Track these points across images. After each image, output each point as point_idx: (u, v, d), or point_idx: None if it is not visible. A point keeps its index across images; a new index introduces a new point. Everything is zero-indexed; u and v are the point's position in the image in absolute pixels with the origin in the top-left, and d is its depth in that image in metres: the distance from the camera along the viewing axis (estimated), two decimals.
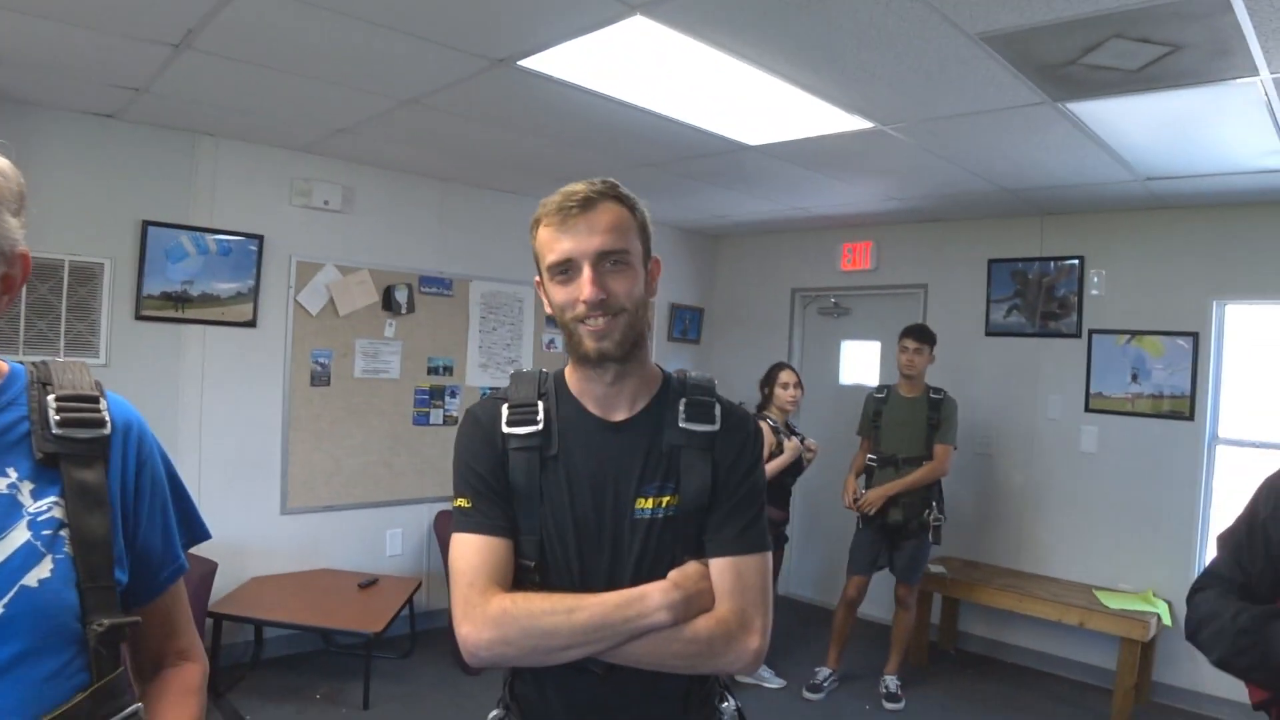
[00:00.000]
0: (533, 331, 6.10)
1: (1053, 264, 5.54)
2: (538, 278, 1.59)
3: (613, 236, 1.49)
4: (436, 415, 5.67)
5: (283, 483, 5.07)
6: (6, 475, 1.14)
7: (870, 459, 5.04)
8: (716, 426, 1.55)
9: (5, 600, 1.07)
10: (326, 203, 5.15)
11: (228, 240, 4.81)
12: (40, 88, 4.09)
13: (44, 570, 1.11)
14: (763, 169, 4.83)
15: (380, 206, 5.42)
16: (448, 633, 5.31)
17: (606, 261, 1.48)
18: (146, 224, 4.57)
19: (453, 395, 5.72)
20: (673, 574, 1.46)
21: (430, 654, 5.21)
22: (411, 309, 5.51)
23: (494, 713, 1.64)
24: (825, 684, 4.89)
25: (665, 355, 6.82)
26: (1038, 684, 5.19)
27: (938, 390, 4.99)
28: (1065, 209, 5.40)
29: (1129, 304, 5.23)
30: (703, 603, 1.45)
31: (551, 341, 6.19)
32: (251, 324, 4.94)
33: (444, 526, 5.33)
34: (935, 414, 4.90)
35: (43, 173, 4.25)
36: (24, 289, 4.23)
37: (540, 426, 1.54)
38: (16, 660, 1.07)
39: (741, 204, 5.92)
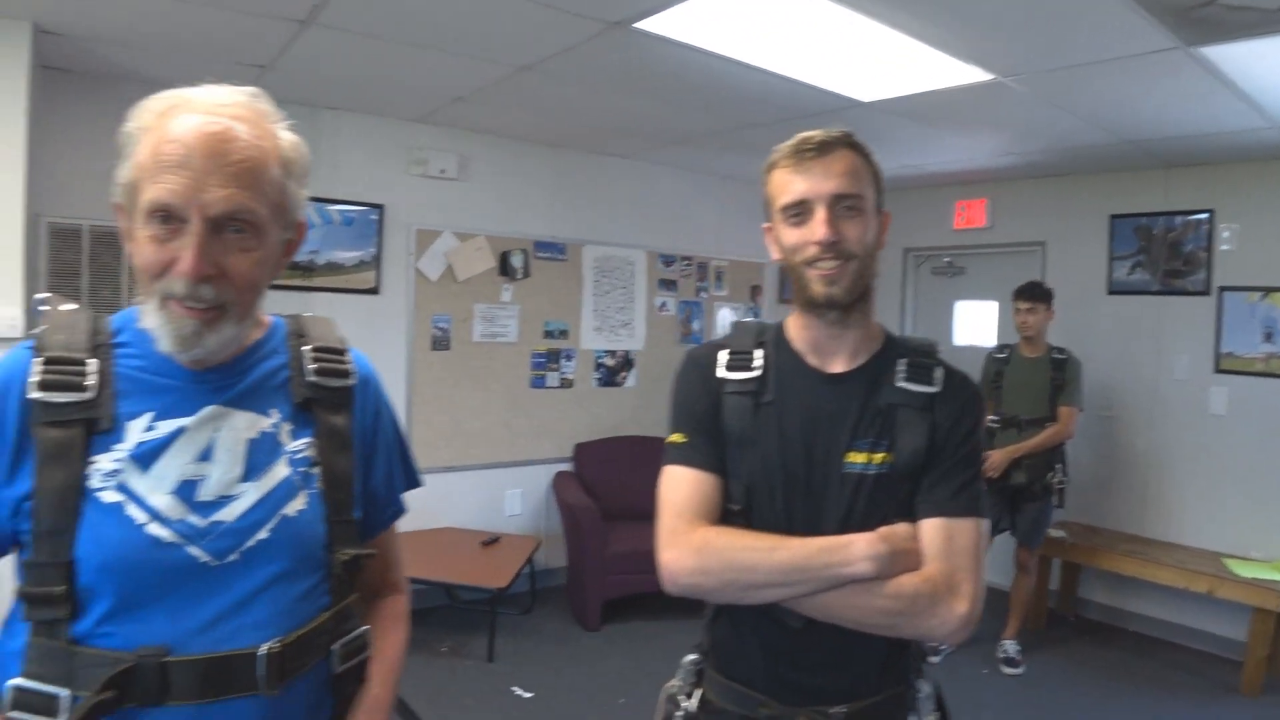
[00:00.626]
0: (645, 294, 6.14)
1: (1179, 218, 5.32)
2: (766, 224, 1.61)
3: (848, 180, 1.48)
4: (553, 378, 5.77)
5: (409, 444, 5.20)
6: (270, 416, 1.26)
7: (991, 420, 4.95)
8: (937, 388, 1.53)
9: (270, 526, 1.20)
10: (443, 171, 5.27)
11: (350, 210, 4.97)
12: (172, 69, 4.23)
13: (300, 503, 1.24)
14: (875, 126, 4.74)
15: (495, 173, 5.51)
16: (565, 590, 5.48)
17: (841, 205, 1.48)
18: None
19: (568, 358, 5.82)
20: (881, 529, 1.42)
21: (549, 611, 5.36)
22: (527, 274, 5.61)
23: (690, 656, 1.67)
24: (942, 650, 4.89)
25: (776, 316, 6.78)
26: (1161, 653, 5.07)
27: (1061, 350, 4.86)
28: (1193, 160, 5.16)
29: (1263, 259, 4.99)
30: (909, 562, 1.41)
31: (664, 304, 6.23)
32: (374, 291, 5.10)
33: (563, 487, 5.47)
34: (1059, 375, 4.78)
35: None
36: None
37: (757, 373, 1.56)
38: (275, 579, 1.19)
39: None
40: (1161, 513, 5.36)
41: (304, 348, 1.32)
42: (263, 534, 1.19)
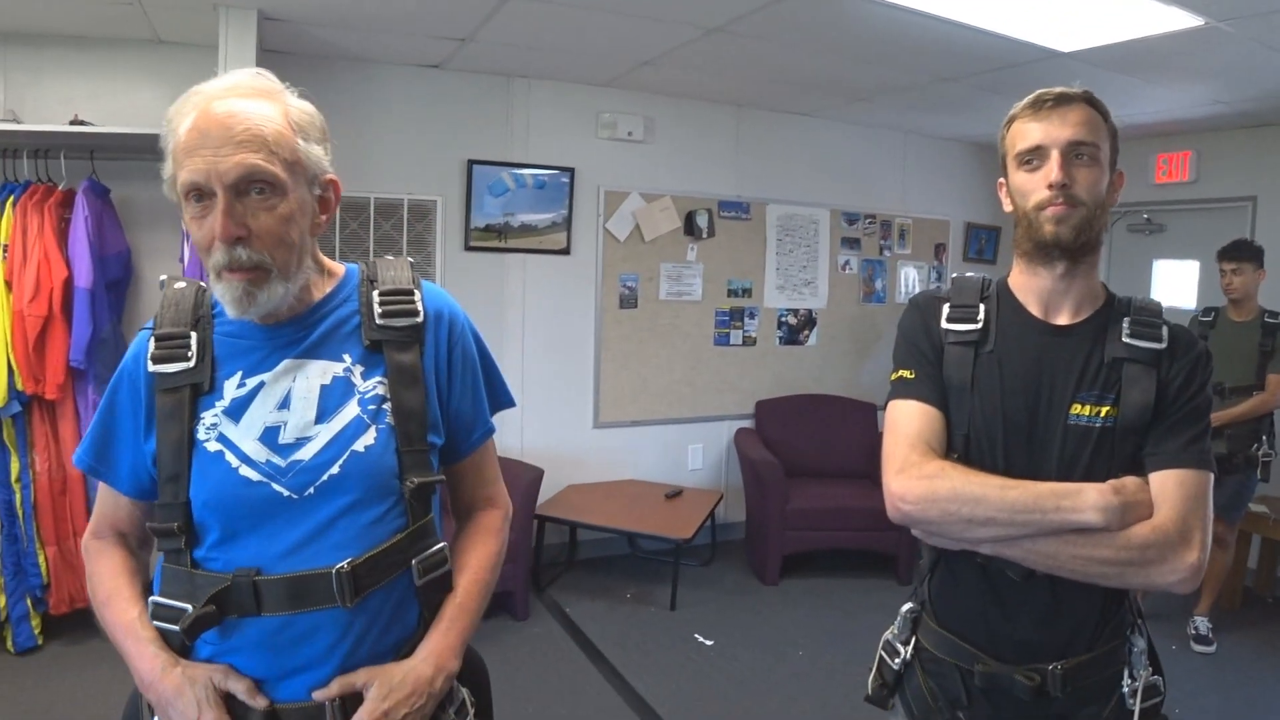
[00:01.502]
0: (828, 253, 6.11)
1: None
2: (1001, 180, 1.65)
3: (1084, 130, 1.50)
4: (736, 336, 5.85)
5: (595, 399, 5.45)
6: (343, 360, 1.42)
7: None
8: (1163, 345, 1.52)
9: (341, 462, 1.36)
10: (630, 134, 5.39)
11: (542, 174, 5.16)
12: (376, 45, 4.52)
13: (369, 438, 1.38)
14: (1072, 76, 4.52)
15: (680, 135, 5.59)
16: (744, 544, 5.59)
17: (1074, 153, 1.50)
18: (471, 163, 4.99)
19: (751, 316, 5.88)
20: (1111, 481, 1.43)
21: (729, 563, 5.48)
22: (712, 233, 5.69)
23: (908, 605, 1.71)
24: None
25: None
26: None
27: (1274, 314, 4.47)
28: None
29: None
30: (1139, 514, 1.41)
31: (847, 263, 6.19)
32: (565, 251, 5.29)
33: (745, 443, 5.56)
34: (1269, 340, 4.44)
35: (383, 122, 4.77)
36: (371, 225, 4.70)
37: (979, 325, 1.59)
38: (348, 508, 1.35)
39: None
40: None
41: (374, 293, 1.46)
42: (334, 469, 1.35)
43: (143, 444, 1.40)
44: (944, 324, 1.62)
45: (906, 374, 1.62)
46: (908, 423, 1.57)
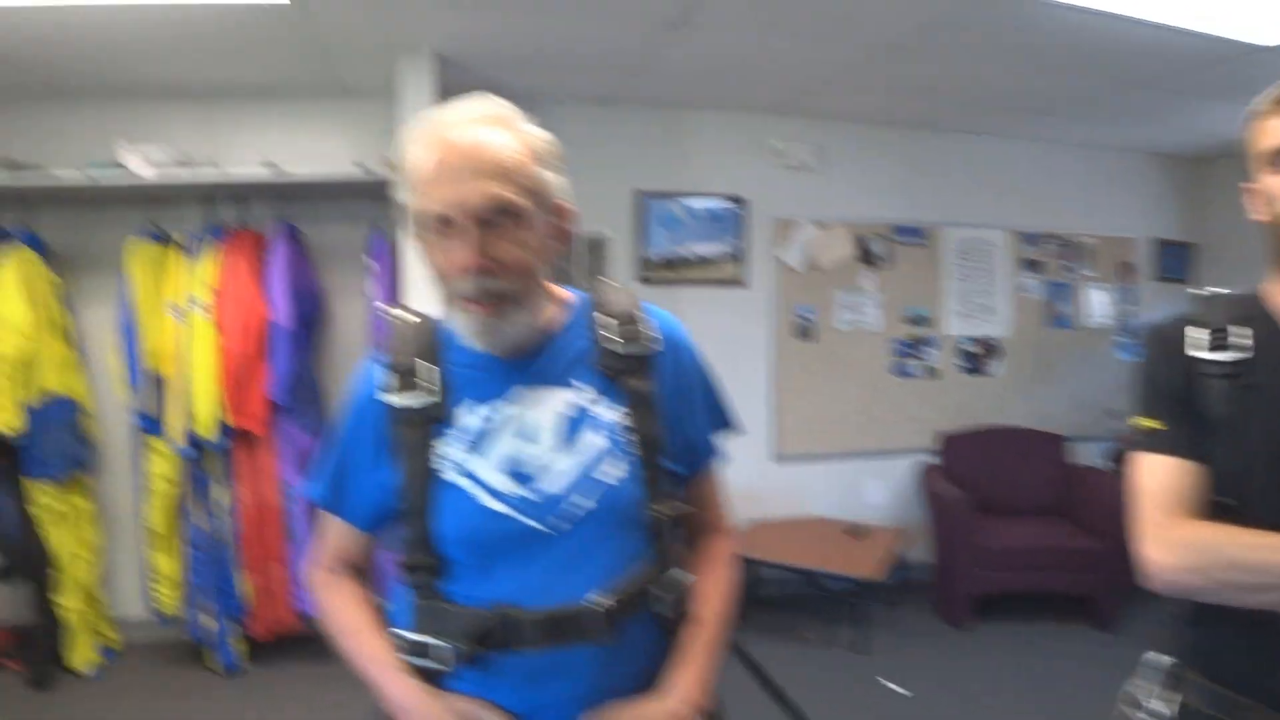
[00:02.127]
0: (1008, 276, 5.83)
1: None
2: (1248, 183, 1.45)
3: None
4: (915, 366, 5.63)
5: (772, 433, 5.33)
6: (580, 389, 1.38)
7: None
8: None
9: (591, 493, 1.32)
10: (801, 161, 5.29)
11: (713, 205, 5.10)
12: (549, 82, 4.57)
13: (617, 468, 1.35)
14: (1274, 73, 4.21)
15: (851, 160, 5.46)
16: (931, 586, 5.30)
17: None
18: (643, 195, 4.97)
19: (931, 345, 5.66)
20: None
21: (914, 605, 5.21)
22: (888, 260, 5.51)
23: (1158, 656, 1.52)
24: None
25: (1151, 296, 6.24)
26: None
27: None
28: None
29: None
30: None
31: (1029, 287, 5.87)
32: (738, 283, 5.22)
33: (929, 478, 5.33)
34: None
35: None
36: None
37: (1244, 354, 1.39)
38: (600, 539, 1.33)
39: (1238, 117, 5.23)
40: None
41: (605, 319, 1.42)
42: (585, 500, 1.32)
43: (377, 477, 1.38)
44: (1195, 352, 1.41)
45: (1151, 422, 1.42)
46: (1153, 480, 1.39)
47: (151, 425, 4.11)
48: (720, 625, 1.46)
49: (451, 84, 4.33)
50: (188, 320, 4.01)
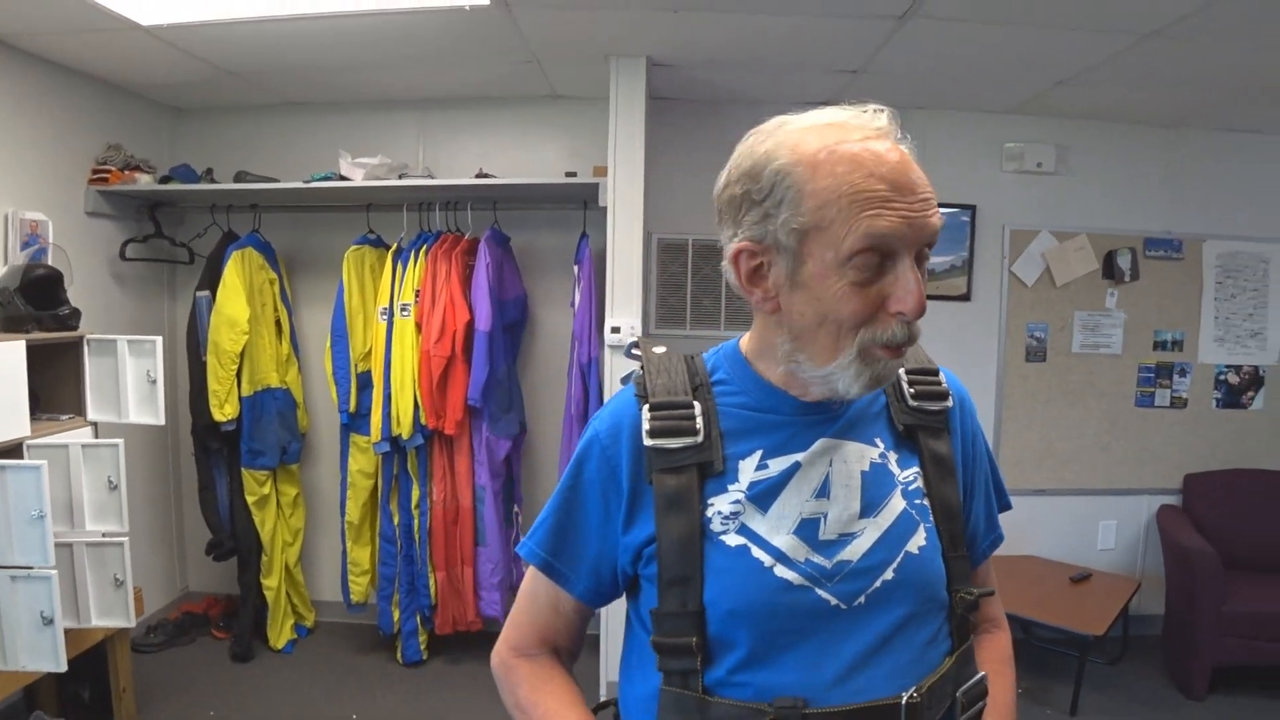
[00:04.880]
0: None
1: None
2: None
3: None
4: (1163, 396, 5.04)
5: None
6: (876, 445, 1.19)
7: None
8: None
9: (894, 565, 1.12)
10: (1039, 165, 4.83)
11: (941, 213, 4.71)
12: (765, 85, 4.38)
13: (920, 538, 1.15)
14: None
15: (1097, 164, 4.93)
16: (1161, 643, 4.76)
17: None
18: None
19: (1182, 374, 5.05)
20: None
21: (1142, 665, 4.66)
22: (1135, 276, 4.94)
23: None
24: None
25: None
26: None
27: None
28: None
29: None
30: None
31: None
32: (966, 297, 4.85)
33: (1170, 524, 4.74)
34: None
35: None
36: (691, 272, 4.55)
37: None
38: (904, 622, 1.12)
39: None
40: None
41: (899, 369, 1.21)
42: (888, 574, 1.12)
43: (619, 536, 1.18)
44: None
45: None
46: None
47: (355, 422, 4.29)
48: None
49: (663, 86, 4.25)
50: (394, 323, 4.10)
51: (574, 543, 1.22)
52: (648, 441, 1.14)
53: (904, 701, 1.07)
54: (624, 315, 3.87)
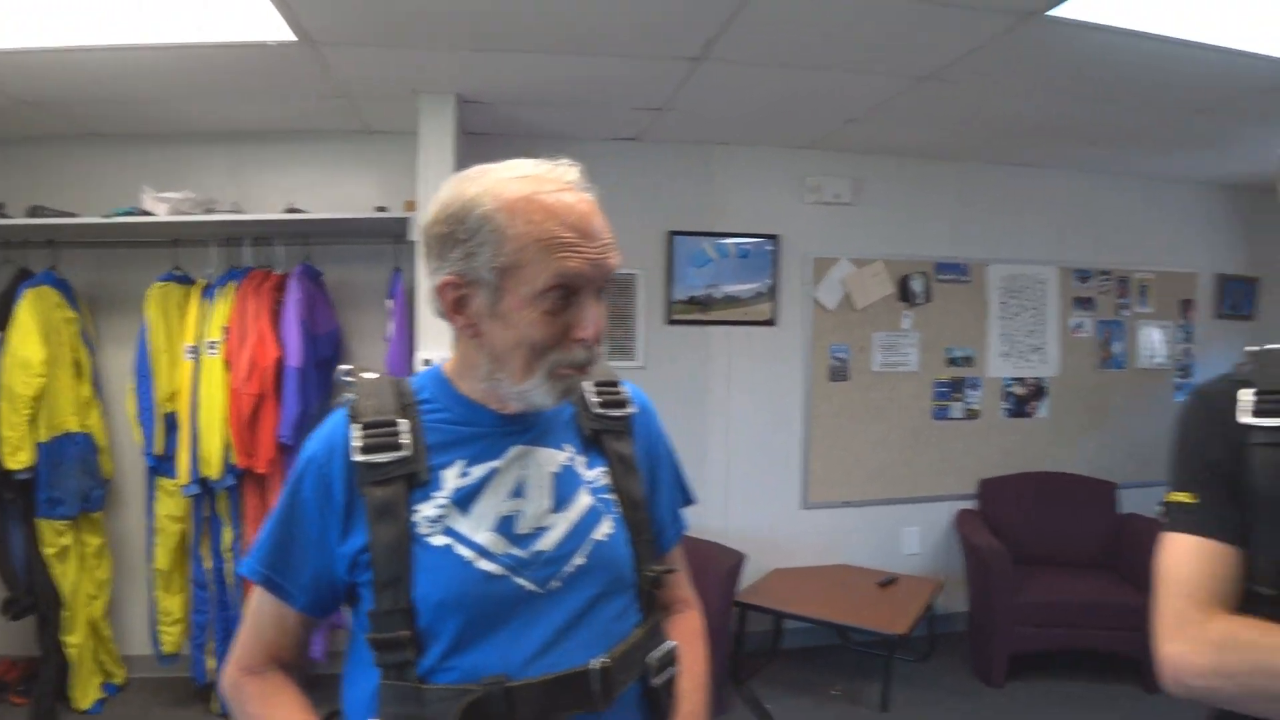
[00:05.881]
0: (1058, 315, 5.58)
1: None
2: None
3: None
4: (957, 409, 5.41)
5: (803, 477, 5.16)
6: (565, 450, 1.36)
7: None
8: None
9: (584, 552, 1.29)
10: (837, 196, 5.12)
11: (745, 243, 4.97)
12: (573, 122, 4.51)
13: (606, 527, 1.33)
14: None
15: (890, 195, 5.27)
16: (966, 638, 5.09)
17: None
18: (672, 234, 4.87)
19: (973, 387, 5.44)
20: None
21: (948, 659, 4.99)
22: (928, 298, 5.31)
23: None
24: None
25: (1211, 334, 5.96)
26: None
27: None
28: None
29: None
30: None
31: (1079, 325, 5.62)
32: (771, 322, 5.07)
33: (967, 527, 5.10)
34: None
35: None
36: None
37: None
38: (594, 600, 1.28)
39: None
40: None
41: (584, 383, 1.38)
42: (579, 559, 1.28)
43: (335, 547, 1.27)
44: (1246, 418, 1.22)
45: (1185, 497, 1.25)
46: (1182, 566, 1.22)
47: (162, 466, 4.15)
48: (706, 701, 1.43)
49: (474, 122, 4.30)
50: (202, 361, 4.02)
51: (294, 558, 1.30)
52: (358, 457, 1.25)
53: (595, 668, 1.22)
54: (435, 348, 3.90)
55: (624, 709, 1.29)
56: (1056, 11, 3.00)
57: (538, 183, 1.23)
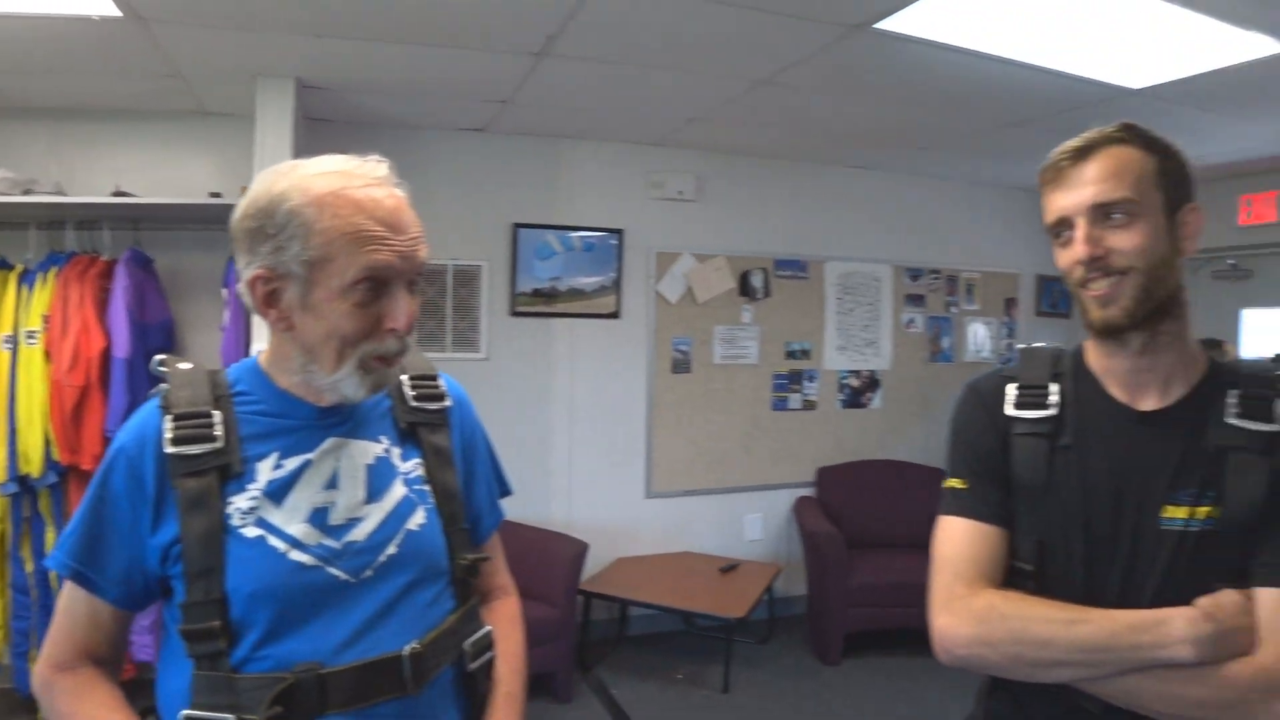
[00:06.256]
0: (891, 311, 5.86)
1: None
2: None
3: (1110, 185, 1.26)
4: (795, 400, 5.61)
5: (647, 467, 5.25)
6: (380, 442, 1.38)
7: None
8: (1278, 426, 1.24)
9: (396, 541, 1.31)
10: (680, 193, 5.25)
11: (590, 236, 5.04)
12: (418, 110, 4.48)
13: (420, 517, 1.35)
14: (1146, 115, 4.21)
15: (732, 192, 5.44)
16: (805, 620, 5.28)
17: (1104, 214, 1.27)
18: (517, 226, 4.90)
19: (811, 379, 5.64)
20: (1202, 601, 1.18)
21: (788, 641, 5.17)
22: (768, 293, 5.49)
23: None
24: None
25: (1032, 330, 6.31)
26: None
27: None
28: None
29: None
30: (1239, 643, 1.15)
31: (911, 321, 5.91)
32: (615, 315, 5.15)
33: (804, 513, 5.29)
34: None
35: (426, 186, 4.59)
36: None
37: (1053, 411, 1.35)
38: (407, 588, 1.30)
39: None
40: None
41: (402, 376, 1.43)
42: (391, 549, 1.30)
43: (147, 539, 1.24)
44: (1010, 410, 1.37)
45: (957, 483, 1.38)
46: (953, 546, 1.34)
47: None
48: (523, 684, 1.47)
49: (315, 108, 4.24)
50: (19, 351, 3.81)
51: (104, 550, 1.27)
52: (169, 449, 1.24)
53: (406, 653, 1.25)
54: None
55: (439, 694, 1.31)
56: (884, 25, 3.17)
57: (346, 178, 1.25)
